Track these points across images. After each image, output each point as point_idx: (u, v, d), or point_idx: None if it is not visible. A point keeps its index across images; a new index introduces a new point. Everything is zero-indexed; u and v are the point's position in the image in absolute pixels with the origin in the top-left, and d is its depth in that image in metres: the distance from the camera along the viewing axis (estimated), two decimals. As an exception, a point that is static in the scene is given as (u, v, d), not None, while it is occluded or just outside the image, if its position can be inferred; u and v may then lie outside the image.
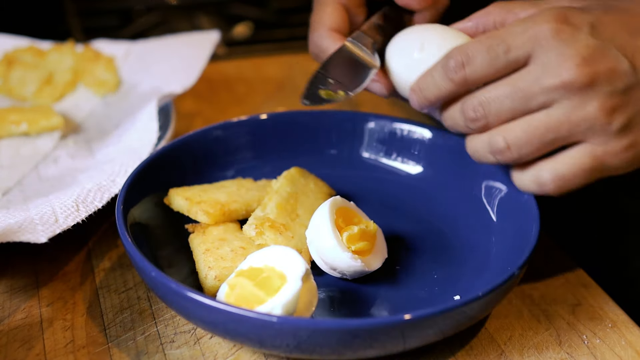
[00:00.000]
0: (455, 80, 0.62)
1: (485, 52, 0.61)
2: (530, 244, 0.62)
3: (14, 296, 0.67)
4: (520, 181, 0.63)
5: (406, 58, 0.68)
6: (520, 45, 0.60)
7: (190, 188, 0.72)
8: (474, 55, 0.61)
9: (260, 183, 0.75)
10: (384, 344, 0.56)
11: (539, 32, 0.59)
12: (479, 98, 0.62)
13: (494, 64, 0.61)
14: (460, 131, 0.65)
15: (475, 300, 0.56)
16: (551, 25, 0.59)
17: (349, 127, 0.81)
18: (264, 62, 1.15)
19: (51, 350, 0.61)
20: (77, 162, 0.83)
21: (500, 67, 0.61)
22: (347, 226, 0.66)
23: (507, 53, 0.60)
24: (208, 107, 1.01)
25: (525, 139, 0.60)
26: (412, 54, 0.68)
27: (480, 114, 0.62)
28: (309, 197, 0.73)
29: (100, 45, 1.03)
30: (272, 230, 0.66)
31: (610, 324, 0.64)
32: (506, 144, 0.60)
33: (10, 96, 0.96)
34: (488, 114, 0.61)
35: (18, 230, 0.65)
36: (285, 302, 0.56)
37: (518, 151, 0.60)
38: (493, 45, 0.61)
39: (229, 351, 0.61)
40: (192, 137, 0.76)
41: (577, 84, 0.58)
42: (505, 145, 0.61)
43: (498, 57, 0.60)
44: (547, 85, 0.58)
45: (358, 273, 0.65)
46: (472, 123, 0.63)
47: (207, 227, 0.68)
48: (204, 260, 0.64)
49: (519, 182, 0.63)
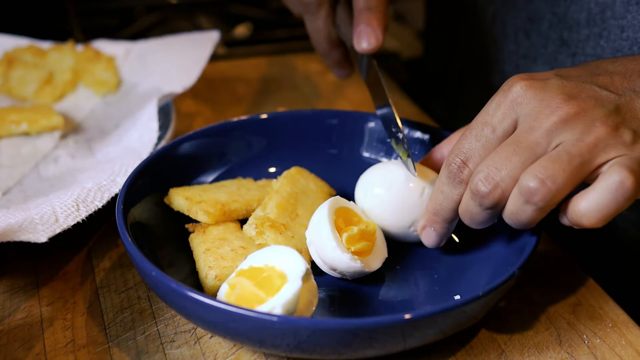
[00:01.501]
0: (465, 180, 0.61)
1: (476, 141, 0.61)
2: (530, 244, 0.62)
3: (14, 296, 0.67)
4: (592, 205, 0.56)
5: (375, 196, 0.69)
6: (502, 117, 0.61)
7: (190, 188, 0.72)
8: (467, 149, 0.61)
9: (260, 183, 0.75)
10: (384, 344, 0.56)
11: (513, 96, 0.61)
12: (485, 170, 0.59)
13: (489, 147, 0.61)
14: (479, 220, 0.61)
15: (475, 300, 0.56)
16: (522, 84, 0.61)
17: (349, 127, 0.81)
18: (264, 62, 1.15)
19: (51, 350, 0.61)
20: (77, 161, 0.83)
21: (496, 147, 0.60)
22: (347, 227, 0.66)
23: (495, 131, 0.61)
24: (208, 107, 1.01)
25: (556, 167, 0.56)
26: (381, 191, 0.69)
27: (492, 184, 0.58)
28: (309, 197, 0.73)
29: (101, 45, 1.04)
30: (273, 230, 0.66)
31: (610, 323, 0.64)
32: (538, 179, 0.56)
33: (10, 96, 0.96)
34: (501, 180, 0.58)
35: (18, 229, 0.65)
36: (286, 302, 0.56)
37: (554, 181, 0.56)
38: (479, 132, 0.61)
39: (229, 351, 0.61)
40: (192, 136, 0.76)
41: (572, 115, 0.58)
42: (539, 181, 0.56)
43: (489, 139, 0.61)
44: (545, 127, 0.58)
45: (358, 273, 0.65)
46: (487, 199, 0.59)
47: (207, 227, 0.68)
48: (204, 259, 0.64)
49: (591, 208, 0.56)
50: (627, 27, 0.74)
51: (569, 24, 0.80)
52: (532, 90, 0.60)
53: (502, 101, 0.61)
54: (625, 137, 0.58)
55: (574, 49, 0.80)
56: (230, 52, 1.19)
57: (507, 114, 0.60)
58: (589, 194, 0.56)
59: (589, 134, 0.57)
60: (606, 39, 0.76)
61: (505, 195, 0.58)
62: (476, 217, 0.61)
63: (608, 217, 0.56)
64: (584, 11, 0.78)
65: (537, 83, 0.61)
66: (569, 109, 0.58)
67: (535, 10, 0.84)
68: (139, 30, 1.26)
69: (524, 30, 0.87)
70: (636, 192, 0.56)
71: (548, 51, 0.84)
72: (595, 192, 0.56)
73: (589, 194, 0.56)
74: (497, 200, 0.59)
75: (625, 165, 0.56)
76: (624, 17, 0.74)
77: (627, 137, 0.58)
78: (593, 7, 0.77)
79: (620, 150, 0.57)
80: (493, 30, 0.92)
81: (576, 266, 0.71)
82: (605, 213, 0.56)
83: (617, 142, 0.58)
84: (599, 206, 0.56)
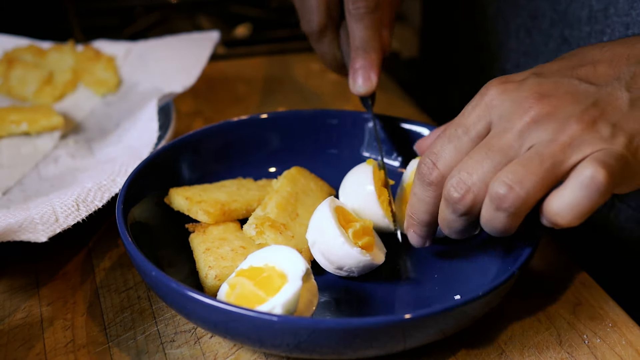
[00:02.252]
0: (434, 182, 0.61)
1: (447, 142, 0.61)
2: (530, 244, 0.62)
3: (14, 296, 0.67)
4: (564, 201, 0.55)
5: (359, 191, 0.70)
6: (476, 119, 0.60)
7: (190, 188, 0.72)
8: (439, 150, 0.61)
9: (260, 183, 0.75)
10: (384, 344, 0.56)
11: (488, 98, 0.60)
12: (457, 175, 0.58)
13: (460, 148, 0.60)
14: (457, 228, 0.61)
15: (475, 299, 0.56)
16: (496, 88, 0.60)
17: (349, 126, 0.81)
18: (264, 62, 1.15)
19: (51, 350, 0.61)
20: (77, 161, 0.83)
21: (468, 148, 0.60)
22: (349, 223, 0.66)
23: (468, 132, 0.60)
24: (208, 106, 1.01)
25: (526, 171, 0.55)
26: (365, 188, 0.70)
27: (464, 189, 0.57)
28: (309, 196, 0.73)
29: (101, 45, 1.03)
30: (273, 229, 0.66)
31: (610, 323, 0.64)
32: (507, 185, 0.55)
33: (10, 96, 0.96)
34: (472, 185, 0.57)
35: (18, 229, 0.65)
36: (286, 302, 0.55)
37: (522, 187, 0.55)
38: (452, 133, 0.61)
39: (229, 351, 0.61)
40: (192, 136, 0.76)
41: (544, 114, 0.57)
42: (508, 187, 0.55)
43: (461, 140, 0.60)
44: (517, 129, 0.57)
45: (367, 268, 0.65)
46: (460, 205, 0.58)
47: (207, 227, 0.68)
48: (204, 259, 0.64)
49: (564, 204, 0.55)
50: (632, 24, 0.73)
51: (570, 22, 0.80)
52: (506, 93, 0.59)
53: (478, 103, 0.60)
54: (602, 132, 0.56)
55: (575, 47, 0.80)
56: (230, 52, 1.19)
57: (481, 116, 0.60)
58: (561, 192, 0.55)
59: (562, 132, 0.56)
60: (610, 36, 0.76)
61: (478, 201, 0.57)
62: (453, 224, 0.60)
63: (583, 214, 0.55)
64: (585, 8, 0.77)
65: (512, 85, 0.60)
66: (540, 108, 0.57)
67: (537, 7, 0.84)
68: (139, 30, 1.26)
69: (525, 28, 0.86)
70: (610, 186, 0.54)
71: (549, 49, 0.84)
72: (567, 190, 0.55)
73: (561, 192, 0.55)
74: (470, 205, 0.58)
75: (597, 160, 0.54)
76: (629, 14, 0.74)
77: (604, 132, 0.56)
78: (595, 4, 0.77)
79: (597, 146, 0.55)
80: (494, 27, 0.92)
81: (576, 266, 0.71)
82: (579, 211, 0.54)
83: (592, 137, 0.56)
84: (572, 204, 0.54)
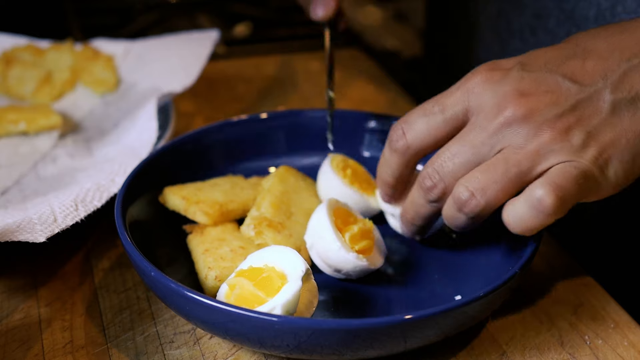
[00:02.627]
0: (399, 150, 0.62)
1: (422, 115, 0.61)
2: (531, 244, 0.62)
3: (12, 296, 0.67)
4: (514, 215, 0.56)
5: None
6: (455, 101, 0.60)
7: (184, 186, 0.71)
8: (412, 121, 0.62)
9: (251, 181, 0.75)
10: (384, 344, 0.55)
11: (470, 84, 0.60)
12: (432, 165, 0.60)
13: (432, 124, 0.61)
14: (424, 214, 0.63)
15: (476, 300, 0.56)
16: (481, 75, 0.60)
17: (349, 126, 0.80)
18: (264, 61, 1.15)
19: (50, 351, 0.61)
20: (76, 161, 0.83)
21: (440, 127, 0.60)
22: (347, 226, 0.65)
23: (444, 112, 0.60)
24: (208, 106, 1.01)
25: (488, 180, 0.57)
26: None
27: (436, 179, 0.60)
28: (299, 194, 0.72)
29: (100, 44, 1.03)
30: (271, 229, 0.66)
31: (612, 324, 0.64)
32: (469, 191, 0.57)
33: (8, 95, 0.96)
34: (444, 176, 0.59)
35: (16, 229, 0.65)
36: (286, 302, 0.55)
37: (483, 195, 0.57)
38: (429, 108, 0.61)
39: (229, 351, 0.61)
40: (191, 136, 0.76)
41: (519, 116, 0.57)
42: (469, 193, 0.57)
43: (435, 117, 0.60)
44: (491, 128, 0.57)
45: (364, 272, 0.64)
46: (431, 193, 0.60)
47: (205, 228, 0.68)
48: (204, 260, 0.64)
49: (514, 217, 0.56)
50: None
51: (577, 21, 0.79)
52: (489, 83, 0.59)
53: (460, 86, 0.61)
54: (574, 141, 0.56)
55: None
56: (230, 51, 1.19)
57: (460, 100, 0.60)
58: (513, 204, 0.57)
59: (532, 140, 0.56)
60: None
61: (447, 192, 0.60)
62: (421, 209, 0.63)
63: (531, 230, 0.57)
64: (593, 7, 0.77)
65: (496, 75, 0.59)
66: (516, 109, 0.57)
67: (542, 6, 0.84)
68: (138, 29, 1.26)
69: (529, 27, 0.86)
70: (558, 209, 0.55)
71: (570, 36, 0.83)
72: (518, 205, 0.56)
73: (514, 204, 0.57)
74: (439, 195, 0.60)
75: (551, 182, 0.55)
76: (637, 12, 0.73)
77: (576, 141, 0.56)
78: (603, 3, 0.76)
79: (564, 156, 0.56)
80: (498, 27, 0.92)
81: (578, 267, 0.71)
82: (526, 226, 0.56)
83: (562, 147, 0.56)
84: (520, 219, 0.56)
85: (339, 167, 0.73)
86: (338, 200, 0.68)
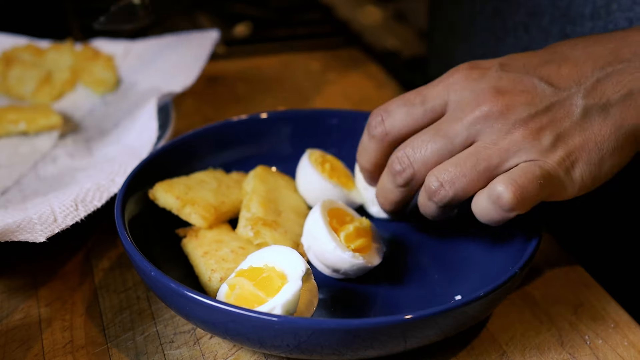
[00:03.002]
0: (377, 137, 0.64)
1: (403, 105, 0.63)
2: (532, 244, 0.62)
3: (12, 296, 0.67)
4: (478, 208, 0.59)
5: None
6: (435, 95, 0.62)
7: (173, 183, 0.69)
8: (392, 109, 0.64)
9: (234, 177, 0.74)
10: (384, 344, 0.55)
11: (452, 80, 0.62)
12: (403, 149, 0.62)
13: (412, 115, 0.63)
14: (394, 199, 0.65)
15: (476, 300, 0.56)
16: (462, 72, 0.62)
17: (349, 125, 0.80)
18: (264, 61, 1.15)
19: (50, 351, 0.61)
20: (76, 161, 0.83)
21: (418, 118, 0.63)
22: (342, 226, 0.65)
23: (424, 103, 0.63)
24: (208, 106, 1.01)
25: (457, 172, 0.59)
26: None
27: (406, 163, 0.61)
28: (282, 193, 0.73)
29: (99, 44, 1.03)
30: (267, 227, 0.66)
31: (612, 324, 0.64)
32: (439, 182, 0.59)
33: (8, 95, 0.96)
34: (414, 161, 0.61)
35: (16, 229, 0.65)
36: (286, 302, 0.55)
37: (452, 187, 0.59)
38: (410, 98, 0.63)
39: (229, 351, 0.61)
40: (191, 136, 0.76)
41: (495, 112, 0.59)
42: (439, 184, 0.59)
43: (415, 108, 0.63)
44: (466, 120, 0.60)
45: (361, 270, 0.64)
46: (399, 177, 0.62)
47: (199, 231, 0.67)
48: (205, 263, 0.64)
49: (478, 210, 0.59)
50: (635, 19, 0.73)
51: (572, 18, 0.79)
52: (468, 81, 0.61)
53: (442, 81, 0.63)
54: (544, 142, 0.58)
55: None
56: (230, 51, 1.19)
57: (440, 94, 0.62)
58: (479, 196, 0.59)
59: (504, 137, 0.58)
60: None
61: (416, 178, 0.62)
62: (389, 194, 0.65)
63: (494, 222, 0.59)
64: (588, 4, 0.77)
65: (476, 73, 0.62)
66: (493, 105, 0.59)
67: (536, 4, 0.84)
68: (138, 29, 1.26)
69: (523, 25, 0.86)
70: (516, 206, 0.57)
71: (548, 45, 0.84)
72: (482, 197, 0.59)
73: (479, 196, 0.59)
74: (408, 179, 0.62)
75: (512, 179, 0.57)
76: (632, 9, 0.73)
77: (545, 142, 0.58)
78: (598, 0, 0.76)
79: (532, 155, 0.58)
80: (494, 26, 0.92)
81: (578, 266, 0.71)
82: (489, 219, 0.59)
83: (531, 146, 0.58)
84: (483, 212, 0.59)
85: (318, 162, 0.73)
86: (333, 200, 0.68)
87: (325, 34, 1.24)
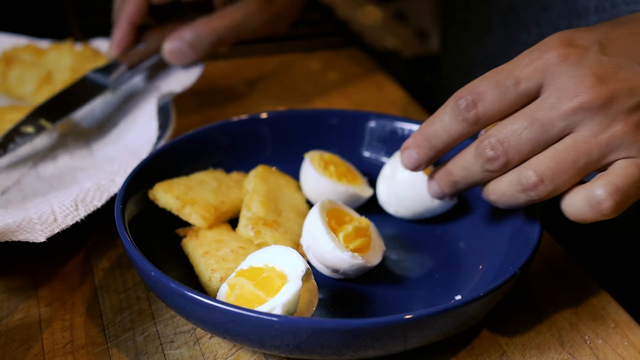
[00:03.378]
0: (468, 120, 0.59)
1: (494, 87, 0.59)
2: (532, 244, 0.62)
3: (12, 296, 0.67)
4: (573, 208, 0.57)
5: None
6: (529, 76, 0.58)
7: (173, 183, 0.70)
8: (484, 91, 0.59)
9: (234, 177, 0.74)
10: (384, 344, 0.55)
11: (546, 60, 0.58)
12: (497, 135, 0.58)
13: (505, 98, 0.58)
14: (474, 181, 0.62)
15: (476, 300, 0.56)
16: (557, 51, 0.58)
17: (349, 126, 0.80)
18: (265, 61, 1.15)
19: (50, 351, 0.61)
20: (76, 161, 0.83)
21: (512, 101, 0.58)
22: (341, 226, 0.65)
23: (517, 86, 0.58)
24: (208, 106, 1.01)
25: (558, 168, 0.56)
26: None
27: (500, 151, 0.58)
28: (282, 192, 0.73)
29: (100, 44, 1.03)
30: (268, 227, 0.66)
31: (612, 324, 0.64)
32: (538, 177, 0.57)
33: (8, 95, 0.96)
34: (508, 149, 0.58)
35: (16, 229, 0.65)
36: (286, 302, 0.55)
37: (552, 182, 0.56)
38: (501, 80, 0.59)
39: (229, 351, 0.61)
40: (191, 136, 0.76)
41: (595, 103, 0.55)
42: (538, 179, 0.57)
43: (508, 91, 0.58)
44: (564, 110, 0.56)
45: (361, 270, 0.64)
46: (491, 164, 0.59)
47: (199, 231, 0.67)
48: (205, 263, 0.64)
49: (572, 210, 0.57)
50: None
51: (577, 12, 0.79)
52: (566, 64, 0.57)
53: (534, 60, 0.58)
54: None
55: None
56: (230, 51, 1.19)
57: (534, 75, 0.58)
58: (573, 195, 0.57)
59: (605, 130, 0.56)
60: None
61: (509, 166, 0.59)
62: (472, 176, 0.61)
63: (584, 221, 0.57)
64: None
65: (573, 55, 0.57)
66: (593, 96, 0.56)
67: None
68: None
69: (535, 20, 0.86)
70: (615, 212, 0.56)
71: None
72: (578, 198, 0.56)
73: (573, 195, 0.57)
74: (500, 167, 0.59)
75: (611, 184, 0.55)
76: (637, 2, 0.73)
77: None
78: None
79: (631, 152, 0.56)
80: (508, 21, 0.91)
81: (578, 266, 0.71)
82: (581, 219, 0.57)
83: (632, 142, 0.55)
84: (577, 212, 0.57)
85: (321, 167, 0.73)
86: (332, 200, 0.68)
87: (325, 34, 1.24)
